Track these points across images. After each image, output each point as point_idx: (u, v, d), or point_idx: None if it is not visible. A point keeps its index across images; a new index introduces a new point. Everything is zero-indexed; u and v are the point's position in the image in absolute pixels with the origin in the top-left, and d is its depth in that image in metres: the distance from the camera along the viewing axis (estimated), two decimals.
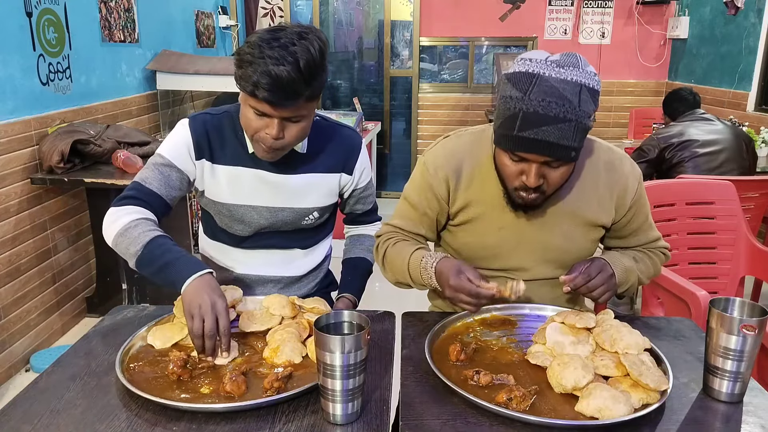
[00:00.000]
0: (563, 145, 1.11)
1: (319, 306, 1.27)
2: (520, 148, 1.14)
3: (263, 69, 1.18)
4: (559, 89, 1.09)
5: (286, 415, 0.97)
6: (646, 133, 4.25)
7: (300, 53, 1.19)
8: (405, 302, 1.50)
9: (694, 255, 2.34)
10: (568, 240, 1.34)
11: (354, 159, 1.49)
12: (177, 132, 1.41)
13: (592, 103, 1.13)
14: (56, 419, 0.96)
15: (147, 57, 3.67)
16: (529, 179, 1.18)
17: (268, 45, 1.19)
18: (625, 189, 1.34)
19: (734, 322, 1.00)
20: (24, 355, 2.68)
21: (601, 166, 1.33)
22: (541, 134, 1.10)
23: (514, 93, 1.13)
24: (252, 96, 1.22)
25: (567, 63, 1.12)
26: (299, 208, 1.45)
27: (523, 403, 0.97)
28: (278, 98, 1.21)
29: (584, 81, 1.11)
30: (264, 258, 1.51)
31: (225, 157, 1.40)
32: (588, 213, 1.33)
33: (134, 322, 1.29)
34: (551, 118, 1.09)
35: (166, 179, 1.37)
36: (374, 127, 4.59)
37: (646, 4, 5.06)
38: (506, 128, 1.15)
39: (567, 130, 1.10)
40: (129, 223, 1.27)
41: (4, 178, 2.50)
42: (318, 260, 1.59)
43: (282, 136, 1.28)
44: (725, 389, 1.03)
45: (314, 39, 1.23)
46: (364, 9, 5.31)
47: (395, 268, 1.37)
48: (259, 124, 1.27)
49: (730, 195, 2.29)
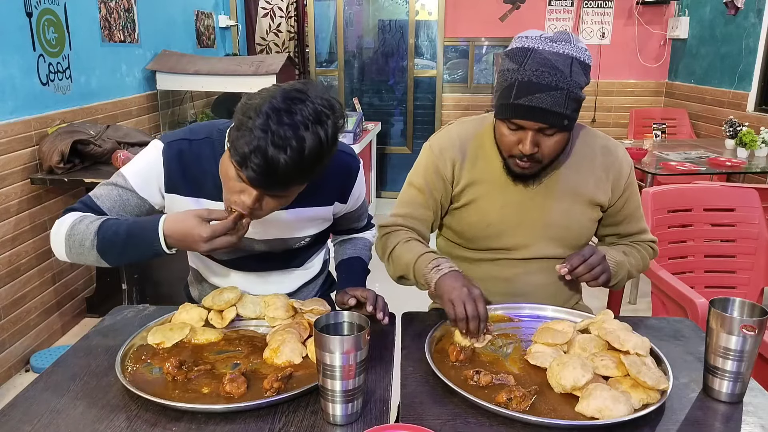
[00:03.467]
0: (556, 111, 1.19)
1: (319, 307, 1.27)
2: (516, 115, 1.23)
3: (260, 146, 1.01)
4: (551, 60, 1.19)
5: (286, 416, 0.97)
6: (646, 134, 4.26)
7: (309, 141, 1.03)
8: (405, 302, 1.49)
9: (712, 263, 2.25)
10: (568, 217, 1.39)
11: (350, 186, 1.38)
12: (147, 157, 1.26)
13: (583, 75, 1.22)
14: (56, 419, 0.96)
15: (147, 57, 3.67)
16: (525, 146, 1.24)
17: (278, 118, 1.02)
18: (620, 172, 1.41)
19: (734, 322, 1.00)
20: (24, 355, 2.68)
21: (597, 150, 1.41)
22: (535, 101, 1.19)
23: (510, 65, 1.23)
24: (236, 167, 1.06)
25: (559, 39, 1.22)
26: (291, 238, 1.37)
27: (523, 403, 0.97)
28: (264, 183, 1.06)
29: (575, 54, 1.21)
30: (258, 278, 1.43)
31: (203, 191, 1.26)
32: (587, 191, 1.39)
33: (134, 322, 1.29)
34: (544, 86, 1.18)
35: (123, 203, 1.25)
36: (374, 127, 4.59)
37: (646, 4, 5.06)
38: (504, 98, 1.24)
39: (559, 98, 1.19)
40: (72, 223, 1.19)
41: (4, 178, 2.50)
42: (315, 272, 1.54)
43: (258, 208, 1.13)
44: (725, 389, 1.03)
45: (331, 124, 1.06)
46: (386, 8, 5.27)
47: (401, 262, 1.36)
48: (236, 187, 1.11)
49: (752, 202, 2.20)
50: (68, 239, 1.19)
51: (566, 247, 1.41)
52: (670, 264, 2.16)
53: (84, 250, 1.17)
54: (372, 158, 4.80)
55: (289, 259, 1.44)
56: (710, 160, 3.47)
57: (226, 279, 1.44)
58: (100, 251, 1.16)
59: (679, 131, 4.89)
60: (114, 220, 1.19)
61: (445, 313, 1.19)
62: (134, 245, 1.14)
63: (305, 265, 1.49)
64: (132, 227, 1.15)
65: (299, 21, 5.26)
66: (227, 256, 1.38)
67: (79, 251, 1.18)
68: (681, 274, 2.15)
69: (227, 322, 1.23)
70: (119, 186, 1.25)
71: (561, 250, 1.41)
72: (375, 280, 1.59)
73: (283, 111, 1.02)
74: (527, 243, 1.40)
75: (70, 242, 1.19)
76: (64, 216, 1.24)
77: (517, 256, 1.41)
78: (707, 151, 3.74)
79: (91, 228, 1.17)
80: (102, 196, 1.25)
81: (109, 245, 1.15)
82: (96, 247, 1.16)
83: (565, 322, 1.20)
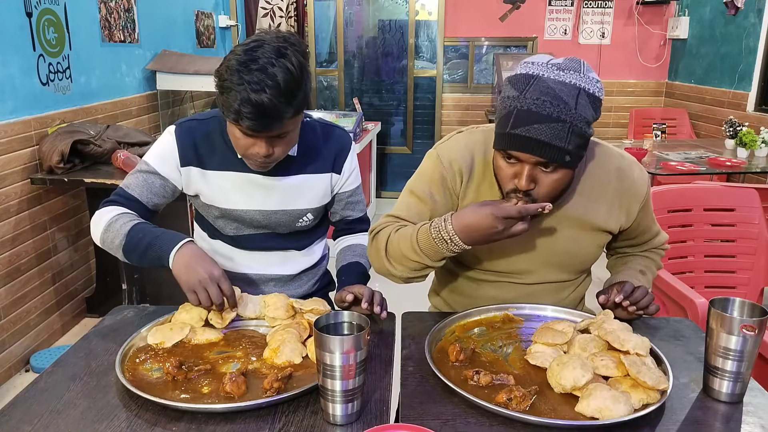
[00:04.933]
0: (555, 145, 1.08)
1: (318, 307, 1.27)
2: (511, 146, 1.12)
3: (244, 97, 1.16)
4: (555, 90, 1.08)
5: (286, 416, 0.97)
6: (646, 134, 4.26)
7: (279, 75, 1.17)
8: (405, 302, 1.50)
9: (712, 263, 2.25)
10: (574, 244, 1.33)
11: (343, 158, 1.49)
12: (163, 140, 1.42)
13: (591, 109, 1.11)
14: (56, 419, 0.96)
15: (147, 57, 3.67)
16: (521, 181, 1.14)
17: (246, 69, 1.17)
18: (635, 196, 1.33)
19: (734, 322, 1.00)
20: (24, 355, 2.68)
21: (612, 174, 1.31)
22: (533, 132, 1.08)
23: (511, 93, 1.12)
24: (236, 123, 1.23)
25: (568, 67, 1.11)
26: (292, 209, 1.46)
27: (523, 403, 0.97)
28: (262, 125, 1.21)
29: (584, 85, 1.10)
30: (261, 258, 1.52)
31: (214, 163, 1.41)
32: (596, 219, 1.31)
33: (134, 322, 1.29)
34: (544, 116, 1.07)
35: (149, 186, 1.39)
36: (374, 127, 4.59)
37: (646, 4, 5.06)
38: (500, 127, 1.14)
39: (560, 131, 1.08)
40: (111, 218, 1.33)
41: (4, 178, 2.50)
42: (315, 259, 1.60)
43: (272, 153, 1.29)
44: (725, 389, 1.03)
45: (293, 54, 1.21)
46: (386, 8, 5.28)
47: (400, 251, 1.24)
48: (246, 143, 1.27)
49: (752, 202, 2.19)
50: (105, 234, 1.33)
51: (570, 272, 1.37)
52: (670, 264, 2.16)
53: (114, 247, 1.33)
54: (372, 158, 4.80)
55: (292, 240, 1.52)
56: (710, 160, 3.47)
57: (230, 260, 1.51)
58: (125, 252, 1.31)
59: (679, 131, 4.89)
60: (142, 226, 1.31)
61: (444, 314, 1.18)
62: (151, 258, 1.28)
63: (306, 250, 1.56)
64: (153, 242, 1.27)
65: (299, 21, 5.26)
66: (232, 233, 1.49)
67: (109, 246, 1.34)
68: (681, 274, 2.15)
69: (227, 322, 1.23)
70: (143, 171, 1.40)
71: (565, 275, 1.37)
72: (374, 280, 1.59)
73: (248, 61, 1.18)
74: (530, 269, 1.35)
75: (105, 236, 1.33)
76: (103, 208, 1.37)
77: (520, 280, 1.37)
78: (707, 151, 3.74)
79: (122, 230, 1.31)
80: (131, 184, 1.40)
81: (131, 248, 1.30)
82: (122, 248, 1.31)
83: (565, 322, 1.20)
